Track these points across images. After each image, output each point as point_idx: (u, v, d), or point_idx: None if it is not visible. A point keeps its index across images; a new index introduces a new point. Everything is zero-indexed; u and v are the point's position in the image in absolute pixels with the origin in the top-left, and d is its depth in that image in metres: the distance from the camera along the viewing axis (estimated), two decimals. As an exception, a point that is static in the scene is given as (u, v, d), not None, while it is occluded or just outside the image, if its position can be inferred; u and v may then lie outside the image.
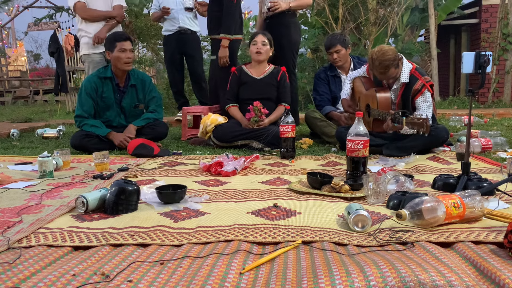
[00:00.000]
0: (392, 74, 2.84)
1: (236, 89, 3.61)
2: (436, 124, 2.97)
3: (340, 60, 3.81)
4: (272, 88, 3.57)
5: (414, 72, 2.87)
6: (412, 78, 2.86)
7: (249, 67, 3.63)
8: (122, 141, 3.25)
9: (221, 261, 1.20)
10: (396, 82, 2.93)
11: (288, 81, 3.62)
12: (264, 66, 3.60)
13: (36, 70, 18.90)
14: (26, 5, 13.71)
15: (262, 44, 3.50)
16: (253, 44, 3.53)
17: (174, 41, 4.74)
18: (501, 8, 6.85)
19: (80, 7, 3.92)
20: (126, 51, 3.35)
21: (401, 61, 2.88)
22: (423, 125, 2.29)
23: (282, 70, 3.60)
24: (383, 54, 2.75)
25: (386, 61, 2.76)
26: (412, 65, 2.92)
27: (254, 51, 3.52)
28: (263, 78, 3.57)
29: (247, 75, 3.59)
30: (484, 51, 1.88)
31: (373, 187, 1.83)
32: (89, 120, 3.35)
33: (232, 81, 3.63)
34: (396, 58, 2.80)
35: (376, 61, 2.78)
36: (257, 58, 3.53)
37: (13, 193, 2.08)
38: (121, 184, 1.76)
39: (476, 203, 1.52)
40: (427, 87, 2.84)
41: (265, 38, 3.52)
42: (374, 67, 2.82)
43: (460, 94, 8.42)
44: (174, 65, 4.87)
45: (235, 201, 1.88)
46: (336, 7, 6.73)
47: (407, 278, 1.03)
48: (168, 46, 4.89)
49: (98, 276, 1.14)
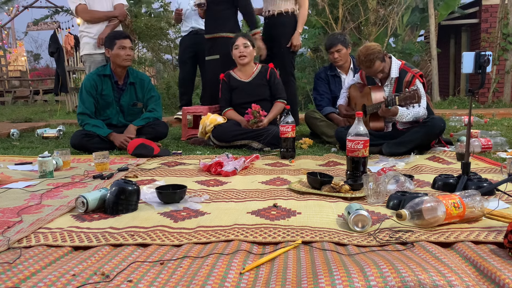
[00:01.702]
0: (379, 67, 2.94)
1: (228, 95, 3.60)
2: (433, 115, 3.01)
3: (341, 60, 3.82)
4: (263, 88, 3.55)
5: (404, 66, 3.01)
6: (402, 72, 2.99)
7: (236, 71, 3.60)
8: (123, 142, 3.26)
9: (221, 261, 1.20)
10: (387, 79, 3.03)
11: (278, 77, 3.60)
12: (251, 68, 3.58)
13: (36, 70, 18.89)
14: (26, 5, 13.72)
15: (244, 47, 3.47)
16: (235, 49, 3.50)
17: (188, 41, 4.86)
18: (501, 8, 6.86)
19: (81, 10, 3.92)
20: (125, 49, 3.38)
21: (388, 57, 3.01)
22: (414, 96, 2.44)
23: (269, 67, 3.58)
24: (367, 49, 2.90)
25: (370, 54, 2.87)
26: (401, 62, 3.05)
27: (238, 55, 3.49)
28: (252, 80, 3.55)
29: (236, 80, 3.57)
30: (484, 51, 1.88)
31: (373, 187, 1.83)
32: (91, 120, 3.36)
33: (222, 88, 3.61)
34: (380, 51, 2.91)
35: (362, 56, 2.91)
36: (241, 62, 3.51)
37: (13, 193, 2.08)
38: (121, 184, 1.76)
39: (476, 203, 1.52)
40: (417, 77, 2.95)
41: (245, 40, 3.49)
42: (361, 62, 2.94)
43: (460, 94, 8.42)
44: (185, 64, 4.94)
45: (235, 201, 1.88)
46: (336, 7, 6.73)
47: (407, 278, 1.03)
48: (182, 46, 5.04)
49: (98, 276, 1.14)
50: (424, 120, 2.91)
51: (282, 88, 3.62)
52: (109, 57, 3.44)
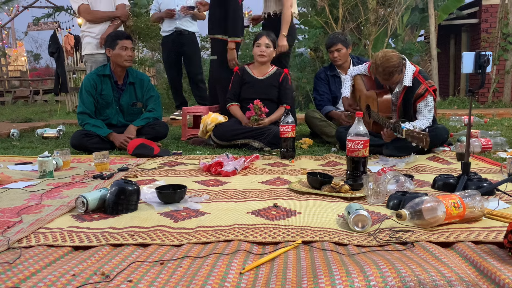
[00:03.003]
0: (396, 79, 2.82)
1: (238, 89, 3.62)
2: (436, 124, 2.97)
3: (341, 59, 3.81)
4: (273, 89, 3.58)
5: (417, 75, 2.82)
6: (415, 82, 2.81)
7: (251, 68, 3.63)
8: (123, 142, 3.26)
9: (221, 261, 1.20)
10: (398, 85, 2.89)
11: (290, 83, 3.63)
12: (267, 67, 3.61)
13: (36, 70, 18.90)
14: (26, 5, 13.72)
15: (265, 47, 3.49)
16: (256, 46, 3.53)
17: (171, 42, 4.77)
18: (501, 8, 6.86)
19: (84, 10, 3.93)
20: (127, 49, 3.39)
21: (405, 66, 2.83)
22: (422, 140, 2.26)
23: (284, 72, 3.61)
24: (387, 61, 2.69)
25: (390, 68, 2.71)
26: (415, 68, 2.86)
27: (258, 53, 3.51)
28: (265, 78, 3.58)
29: (250, 75, 3.60)
30: (484, 51, 1.88)
31: (373, 187, 1.83)
32: (91, 120, 3.37)
33: (234, 80, 3.64)
34: (400, 64, 2.75)
35: (380, 67, 2.73)
36: (260, 60, 3.53)
37: (13, 193, 2.08)
38: (121, 184, 1.76)
39: (476, 203, 1.52)
40: (430, 92, 2.80)
41: (268, 40, 3.51)
42: (378, 72, 2.78)
43: (460, 94, 8.42)
44: (171, 65, 4.91)
45: (235, 201, 1.88)
46: (336, 7, 6.73)
47: (407, 278, 1.03)
48: (165, 46, 4.93)
49: (98, 276, 1.14)
50: (428, 129, 2.81)
51: (292, 95, 3.65)
52: (110, 57, 3.45)
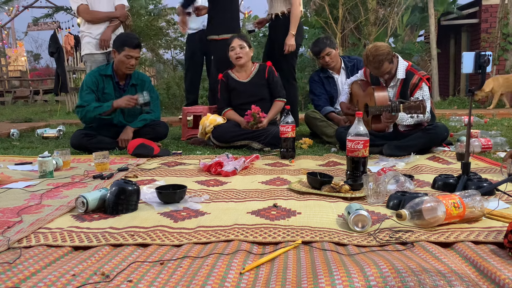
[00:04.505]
0: (387, 68, 2.89)
1: (227, 95, 3.59)
2: (436, 122, 2.98)
3: (333, 62, 3.84)
4: (262, 88, 3.54)
5: (410, 68, 2.94)
6: (409, 74, 2.92)
7: (235, 72, 3.59)
8: (128, 102, 3.29)
9: (221, 261, 1.20)
10: (393, 79, 2.97)
11: (276, 75, 3.58)
12: (249, 68, 3.56)
13: (36, 70, 18.88)
14: (26, 5, 13.71)
15: (240, 48, 3.46)
16: (231, 50, 3.49)
17: (198, 40, 4.74)
18: (501, 8, 6.86)
19: (83, 10, 3.93)
20: (131, 58, 3.36)
21: (396, 57, 2.95)
22: (419, 107, 2.35)
23: (267, 65, 3.56)
24: (376, 49, 2.82)
25: (379, 56, 2.81)
26: (408, 63, 2.98)
27: (234, 57, 3.48)
28: (250, 80, 3.54)
29: (234, 80, 3.56)
30: (484, 51, 1.88)
31: (373, 187, 1.83)
32: (89, 106, 3.32)
33: (221, 88, 3.60)
34: (389, 52, 2.86)
35: (370, 56, 2.84)
36: (238, 63, 3.49)
37: (13, 193, 2.08)
38: (121, 184, 1.76)
39: (476, 203, 1.52)
40: (424, 81, 2.89)
41: (241, 41, 3.48)
42: (369, 62, 2.88)
43: (460, 94, 8.42)
44: (194, 63, 4.85)
45: (235, 201, 1.88)
46: (336, 7, 6.74)
47: (407, 278, 1.03)
48: (190, 44, 4.89)
49: (98, 276, 1.14)
50: (428, 127, 2.86)
51: (281, 86, 3.59)
52: (113, 57, 3.44)
